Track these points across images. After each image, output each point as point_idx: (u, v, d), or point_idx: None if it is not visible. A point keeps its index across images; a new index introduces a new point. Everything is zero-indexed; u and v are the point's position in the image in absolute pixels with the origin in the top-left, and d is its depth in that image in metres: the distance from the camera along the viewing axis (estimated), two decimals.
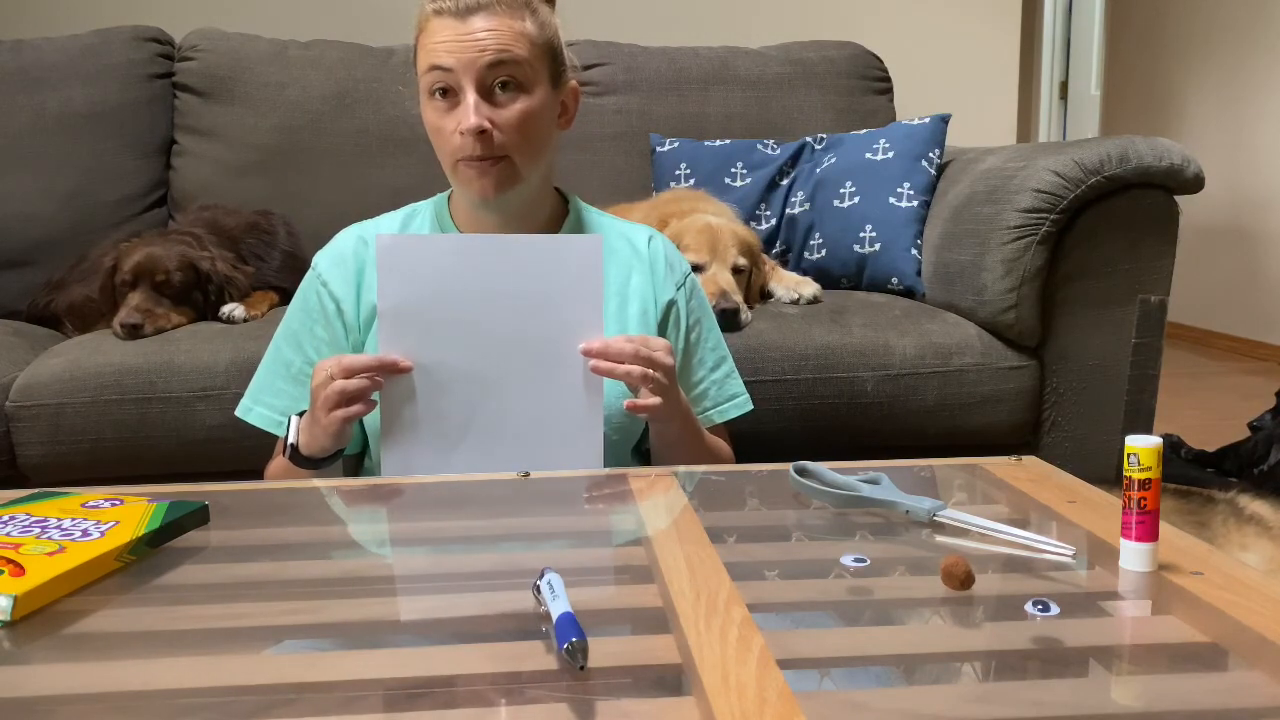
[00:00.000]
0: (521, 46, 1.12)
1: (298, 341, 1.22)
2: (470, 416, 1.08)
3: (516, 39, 1.12)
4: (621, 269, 1.25)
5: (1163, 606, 0.70)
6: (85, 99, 2.16)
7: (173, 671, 0.60)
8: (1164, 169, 1.62)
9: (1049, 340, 1.70)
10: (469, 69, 1.10)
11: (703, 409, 1.27)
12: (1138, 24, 5.21)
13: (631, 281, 1.25)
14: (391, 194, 2.16)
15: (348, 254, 1.22)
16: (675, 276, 1.28)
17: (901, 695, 0.58)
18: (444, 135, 1.13)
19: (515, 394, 1.08)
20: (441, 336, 1.06)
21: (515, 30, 1.12)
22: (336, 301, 1.21)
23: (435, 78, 1.11)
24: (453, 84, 1.11)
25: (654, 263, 1.26)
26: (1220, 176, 4.35)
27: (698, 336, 1.28)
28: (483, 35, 1.10)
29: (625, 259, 1.25)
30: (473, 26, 1.10)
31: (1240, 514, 1.42)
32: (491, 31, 1.10)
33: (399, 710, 0.56)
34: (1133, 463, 0.73)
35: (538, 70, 1.14)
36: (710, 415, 1.28)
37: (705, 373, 1.29)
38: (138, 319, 1.63)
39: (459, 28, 1.10)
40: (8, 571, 0.70)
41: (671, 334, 1.26)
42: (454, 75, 1.10)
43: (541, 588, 0.67)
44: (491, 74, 1.11)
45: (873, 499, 0.89)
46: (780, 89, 2.35)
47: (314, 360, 1.19)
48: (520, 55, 1.12)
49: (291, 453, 1.11)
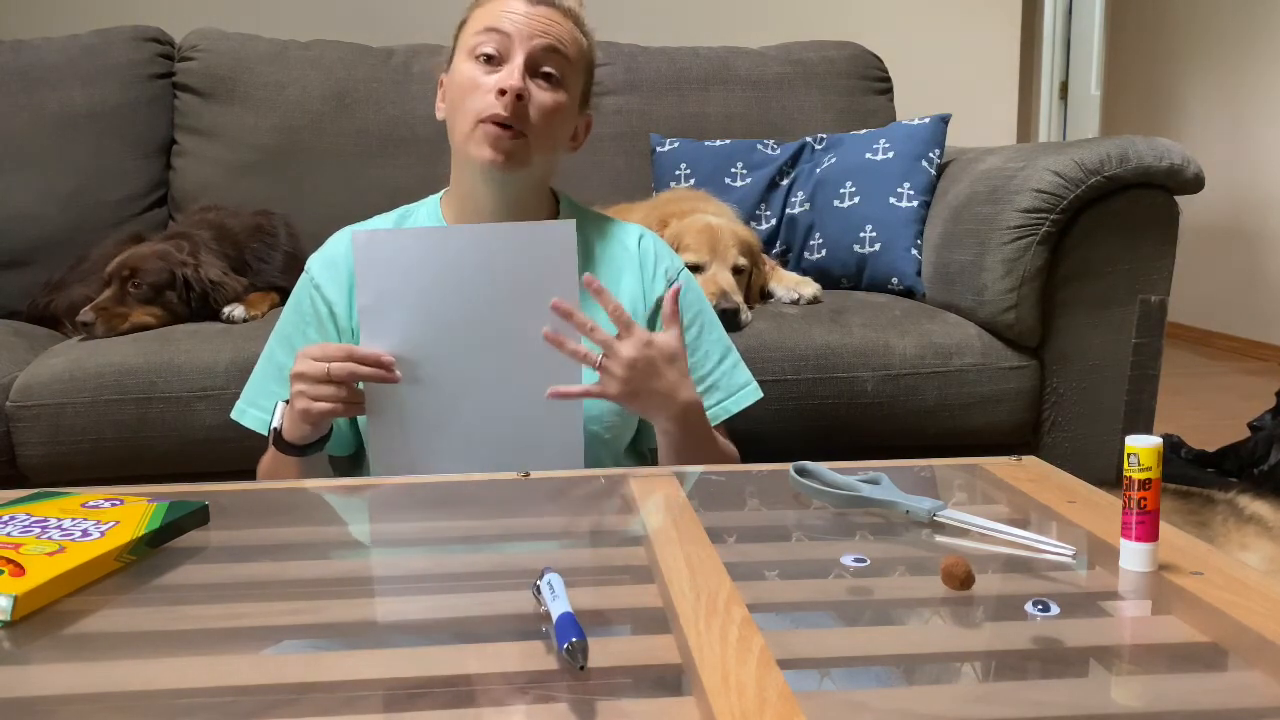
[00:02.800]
0: (573, 49, 1.19)
1: (290, 345, 1.22)
2: (451, 410, 1.09)
3: (572, 40, 1.19)
4: (612, 270, 1.25)
5: (1163, 606, 0.70)
6: (85, 99, 2.15)
7: (173, 671, 0.60)
8: (1164, 169, 1.62)
9: (1049, 340, 1.70)
10: (525, 41, 1.15)
11: (716, 401, 1.27)
12: (1138, 24, 5.21)
13: (622, 282, 1.25)
14: (391, 194, 2.16)
15: (340, 257, 1.22)
16: (664, 273, 1.28)
17: (901, 695, 0.58)
18: (476, 93, 1.15)
19: (494, 387, 1.09)
20: (420, 330, 1.08)
21: (573, 33, 1.19)
22: (329, 305, 1.21)
23: (489, 39, 1.15)
24: (503, 50, 1.15)
25: (643, 261, 1.27)
26: (1220, 176, 4.35)
27: (698, 331, 1.28)
28: (546, 21, 1.16)
29: (616, 260, 1.26)
30: (538, 11, 1.16)
31: (1240, 514, 1.42)
32: (553, 23, 1.17)
33: (399, 710, 0.56)
34: (1133, 463, 0.73)
35: (576, 78, 1.20)
36: (727, 406, 1.28)
37: (712, 366, 1.28)
38: (90, 317, 1.64)
39: (525, 7, 1.16)
40: (8, 571, 0.70)
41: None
42: (509, 41, 1.15)
43: (541, 588, 0.67)
44: (543, 57, 1.16)
45: (873, 499, 0.89)
46: (780, 89, 2.35)
47: None
48: (570, 54, 1.18)
49: (275, 438, 1.13)
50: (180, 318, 1.73)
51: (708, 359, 1.28)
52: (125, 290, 1.69)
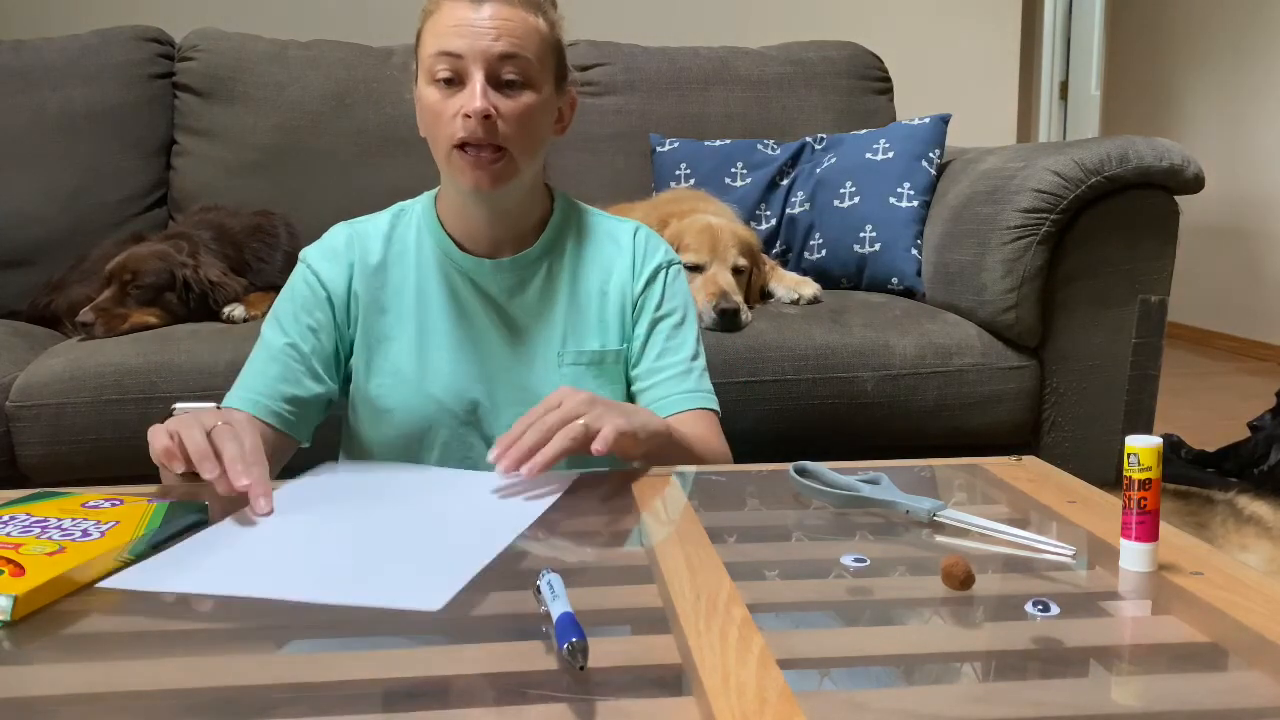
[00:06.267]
0: (532, 42, 1.10)
1: (281, 326, 1.19)
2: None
3: (528, 33, 1.10)
4: (604, 267, 1.24)
5: (1163, 606, 0.70)
6: (85, 99, 2.16)
7: (173, 671, 0.60)
8: (1164, 169, 1.62)
9: (1049, 340, 1.70)
10: (480, 56, 1.07)
11: (685, 389, 1.22)
12: (1138, 24, 5.21)
13: (613, 277, 1.24)
14: (391, 194, 2.14)
15: (340, 248, 1.21)
16: (654, 264, 1.25)
17: (901, 695, 0.58)
18: (443, 120, 1.10)
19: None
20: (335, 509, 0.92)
21: (528, 24, 1.10)
22: (328, 291, 1.19)
23: (443, 63, 1.08)
24: (460, 70, 1.08)
25: (635, 252, 1.25)
26: (1220, 176, 4.35)
27: (680, 320, 1.24)
28: (496, 23, 1.08)
29: (608, 256, 1.24)
30: (485, 14, 1.08)
31: (1240, 514, 1.42)
32: (505, 21, 1.08)
33: (399, 710, 0.56)
34: (1133, 463, 0.73)
35: (544, 69, 1.13)
36: (697, 398, 1.22)
37: (686, 356, 1.24)
38: (90, 318, 1.64)
39: (471, 14, 1.08)
40: (8, 571, 0.70)
41: (636, 315, 1.23)
42: (463, 62, 1.08)
43: (541, 588, 0.67)
44: (501, 65, 1.09)
45: (873, 499, 0.89)
46: (780, 89, 2.35)
47: (296, 343, 1.17)
48: (530, 50, 1.10)
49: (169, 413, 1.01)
50: (180, 318, 1.73)
51: (684, 346, 1.24)
52: (125, 291, 1.70)
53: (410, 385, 1.18)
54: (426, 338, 1.19)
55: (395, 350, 1.19)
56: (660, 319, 1.24)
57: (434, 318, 1.19)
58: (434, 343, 1.19)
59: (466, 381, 1.18)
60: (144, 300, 1.70)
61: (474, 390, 1.18)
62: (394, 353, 1.19)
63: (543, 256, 1.21)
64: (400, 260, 1.21)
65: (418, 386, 1.18)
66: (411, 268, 1.21)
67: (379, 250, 1.21)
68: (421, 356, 1.18)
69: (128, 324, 1.67)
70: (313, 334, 1.19)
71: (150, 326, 1.68)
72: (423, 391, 1.17)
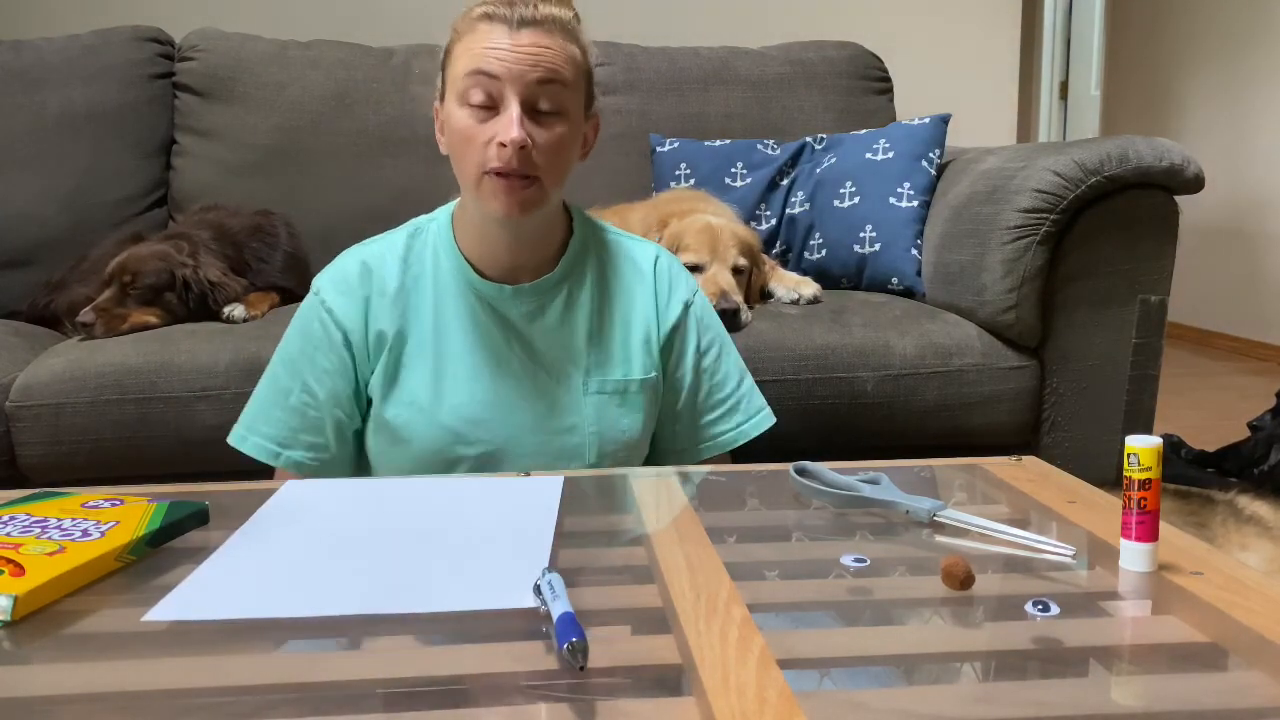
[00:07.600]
0: (569, 70, 1.09)
1: (296, 369, 1.18)
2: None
3: (566, 62, 1.08)
4: (625, 294, 1.22)
5: (1163, 606, 0.70)
6: (85, 99, 2.16)
7: (173, 671, 0.60)
8: (1164, 169, 1.62)
9: (1049, 340, 1.70)
10: (517, 81, 1.05)
11: (735, 424, 1.26)
12: (1138, 24, 5.21)
13: (635, 306, 1.22)
14: (391, 194, 2.17)
15: (353, 281, 1.18)
16: (680, 298, 1.24)
17: (901, 695, 0.58)
18: (474, 145, 1.07)
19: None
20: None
21: (565, 53, 1.08)
22: (344, 331, 1.17)
23: (478, 83, 1.06)
24: (495, 94, 1.06)
25: (659, 284, 1.24)
26: (1220, 176, 4.35)
27: (718, 353, 1.26)
28: (535, 50, 1.06)
29: (628, 282, 1.22)
30: (524, 40, 1.06)
31: (1240, 514, 1.42)
32: (544, 49, 1.06)
33: (399, 710, 0.56)
34: (1133, 463, 0.73)
35: (577, 96, 1.11)
36: (745, 430, 1.27)
37: (733, 388, 1.27)
38: (90, 318, 1.64)
39: (511, 38, 1.06)
40: (8, 571, 0.70)
41: (675, 359, 1.24)
42: (499, 85, 1.05)
43: (541, 588, 0.67)
44: (539, 91, 1.06)
45: (873, 499, 0.89)
46: (780, 89, 2.35)
47: (314, 390, 1.17)
48: (567, 79, 1.08)
49: None
50: (180, 318, 1.73)
51: (729, 379, 1.27)
52: (125, 291, 1.70)
53: (426, 415, 1.16)
54: (444, 364, 1.16)
55: (413, 380, 1.17)
56: (703, 355, 1.25)
57: (452, 344, 1.17)
58: (451, 370, 1.16)
59: (485, 411, 1.16)
60: (144, 300, 1.70)
61: (493, 420, 1.16)
62: (411, 382, 1.16)
63: (562, 281, 1.19)
64: (418, 285, 1.18)
65: (433, 417, 1.16)
66: (429, 292, 1.18)
67: (396, 275, 1.18)
68: (438, 386, 1.16)
69: (128, 324, 1.67)
70: (328, 376, 1.17)
71: (150, 326, 1.68)
72: (438, 423, 1.15)
